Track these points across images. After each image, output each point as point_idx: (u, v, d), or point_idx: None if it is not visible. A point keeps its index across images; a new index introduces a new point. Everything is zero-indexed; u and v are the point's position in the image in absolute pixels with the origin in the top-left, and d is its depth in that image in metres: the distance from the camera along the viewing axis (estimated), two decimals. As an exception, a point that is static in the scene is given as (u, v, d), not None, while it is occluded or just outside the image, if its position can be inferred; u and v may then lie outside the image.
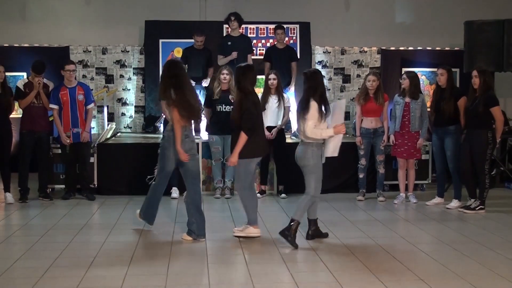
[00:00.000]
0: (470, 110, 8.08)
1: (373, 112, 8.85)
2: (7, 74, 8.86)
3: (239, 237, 6.62)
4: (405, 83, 8.67)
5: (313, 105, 6.35)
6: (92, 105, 8.97)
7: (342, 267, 5.59)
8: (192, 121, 6.63)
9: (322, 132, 6.34)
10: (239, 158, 6.48)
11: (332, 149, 6.42)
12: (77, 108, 8.72)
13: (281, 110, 9.08)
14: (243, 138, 6.41)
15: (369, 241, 6.58)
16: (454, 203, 8.35)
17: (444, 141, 8.44)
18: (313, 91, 6.41)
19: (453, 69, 9.25)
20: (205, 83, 10.03)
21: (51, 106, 8.70)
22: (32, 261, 5.79)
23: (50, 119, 9.08)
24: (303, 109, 6.43)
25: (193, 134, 6.78)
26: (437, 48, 12.35)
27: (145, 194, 7.03)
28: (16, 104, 8.87)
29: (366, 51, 12.37)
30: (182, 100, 6.39)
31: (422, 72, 12.14)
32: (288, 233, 6.31)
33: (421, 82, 11.81)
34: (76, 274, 5.33)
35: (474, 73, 8.09)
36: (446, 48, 12.34)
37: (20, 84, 8.79)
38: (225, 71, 9.07)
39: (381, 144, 8.87)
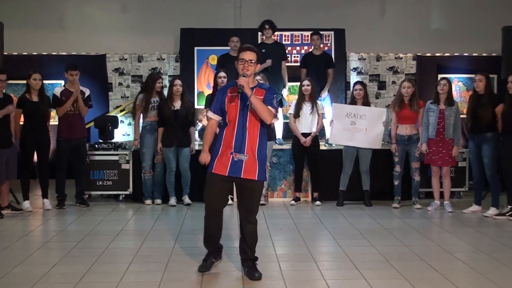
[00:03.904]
0: (506, 116, 8.01)
1: (408, 119, 8.78)
2: (45, 82, 8.97)
3: None
4: (445, 88, 8.55)
5: None
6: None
7: (378, 275, 5.53)
8: None
9: None
10: None
11: None
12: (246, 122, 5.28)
13: (315, 117, 9.04)
14: None
15: (405, 249, 6.50)
16: (492, 211, 8.20)
17: (482, 148, 8.31)
18: None
19: (491, 75, 9.13)
20: None
21: (210, 115, 5.44)
22: (69, 266, 5.86)
23: (87, 126, 9.12)
24: None
25: None
26: (474, 54, 12.22)
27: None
28: (53, 111, 8.98)
29: (402, 58, 12.26)
30: None
31: (458, 79, 12.04)
32: None
33: (458, 89, 11.77)
34: (112, 280, 5.38)
35: (510, 78, 8.01)
36: (483, 54, 12.20)
37: (57, 91, 8.83)
38: (258, 78, 9.05)
39: (416, 151, 8.78)
